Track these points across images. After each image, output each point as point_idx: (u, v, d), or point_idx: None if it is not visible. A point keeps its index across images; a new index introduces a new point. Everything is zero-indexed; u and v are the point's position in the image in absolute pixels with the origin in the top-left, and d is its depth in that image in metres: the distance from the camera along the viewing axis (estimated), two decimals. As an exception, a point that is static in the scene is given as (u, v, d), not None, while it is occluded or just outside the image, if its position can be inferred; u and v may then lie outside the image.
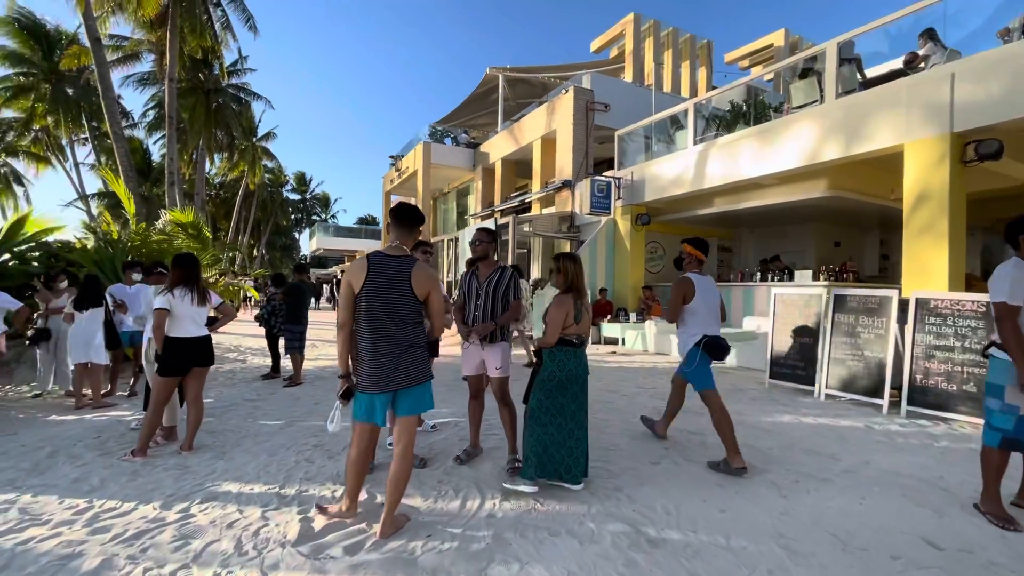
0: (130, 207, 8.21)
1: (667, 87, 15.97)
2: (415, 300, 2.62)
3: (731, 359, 7.90)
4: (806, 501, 3.03)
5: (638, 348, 9.71)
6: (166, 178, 14.43)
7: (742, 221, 12.39)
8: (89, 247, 7.40)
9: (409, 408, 2.67)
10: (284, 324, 6.88)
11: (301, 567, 2.32)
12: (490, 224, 13.73)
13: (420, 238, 3.37)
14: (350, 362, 2.70)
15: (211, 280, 8.99)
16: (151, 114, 24.34)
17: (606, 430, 4.41)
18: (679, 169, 9.93)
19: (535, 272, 14.92)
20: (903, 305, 5.26)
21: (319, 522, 2.75)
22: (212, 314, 4.19)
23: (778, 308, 6.33)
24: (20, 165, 24.65)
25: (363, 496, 3.08)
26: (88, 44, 11.67)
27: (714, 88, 15.09)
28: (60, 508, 2.94)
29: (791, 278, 9.29)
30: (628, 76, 15.66)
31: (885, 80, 7.01)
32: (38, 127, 23.44)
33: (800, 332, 6.04)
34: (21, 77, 20.76)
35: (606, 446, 3.97)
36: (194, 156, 24.27)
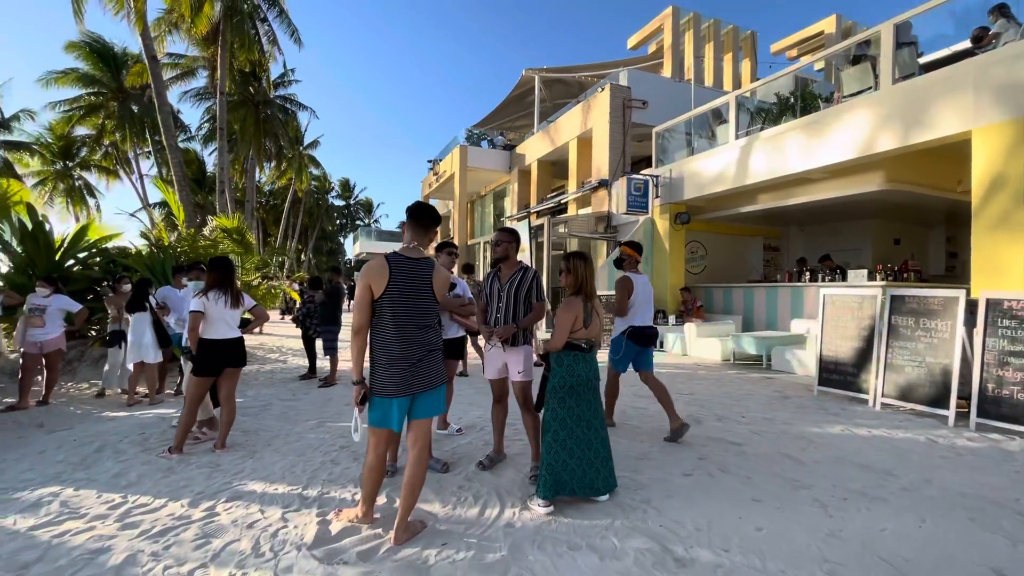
0: (179, 214, 8.65)
1: (708, 81, 15.42)
2: (435, 302, 2.59)
3: (781, 363, 7.47)
4: (856, 522, 2.76)
5: (677, 351, 9.35)
6: (216, 186, 15.17)
7: (790, 218, 11.77)
8: (144, 253, 7.81)
9: (426, 411, 2.61)
10: (321, 326, 7.03)
11: (313, 571, 2.30)
12: (522, 227, 13.65)
13: (444, 239, 3.34)
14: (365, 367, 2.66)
15: (254, 283, 9.35)
16: (206, 127, 25.71)
17: (637, 438, 4.21)
18: (721, 165, 9.52)
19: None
20: (971, 306, 4.79)
21: (336, 526, 2.72)
22: (246, 316, 4.30)
23: (828, 310, 5.92)
24: (92, 178, 26.61)
25: (382, 500, 3.05)
26: (149, 64, 12.42)
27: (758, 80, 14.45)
28: (98, 502, 3.06)
29: (844, 278, 8.71)
30: (667, 71, 15.23)
31: (948, 63, 6.44)
32: (108, 142, 25.19)
33: (853, 336, 5.62)
34: (92, 97, 22.39)
35: (636, 455, 3.79)
36: (245, 165, 25.48)
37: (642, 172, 11.71)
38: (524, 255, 11.31)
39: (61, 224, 25.21)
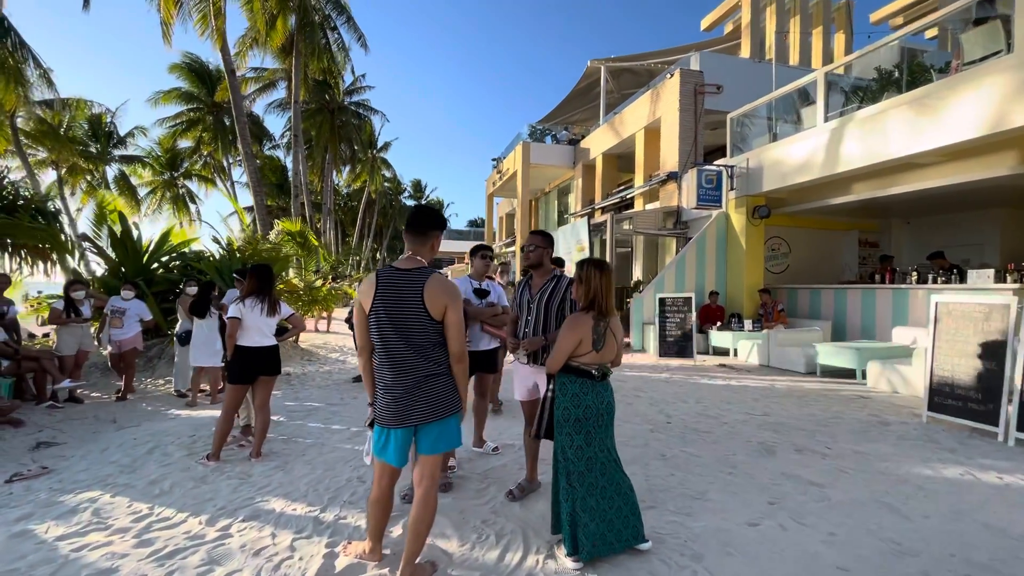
0: (243, 218, 9.08)
1: (793, 60, 13.97)
2: (431, 320, 2.23)
3: (879, 380, 6.44)
4: (983, 613, 2.10)
5: (753, 362, 8.44)
6: (291, 191, 16.00)
7: (892, 210, 10.30)
8: (214, 257, 8.23)
9: (431, 446, 2.30)
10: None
11: (302, 621, 2.06)
12: (580, 225, 13.09)
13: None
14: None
15: (317, 284, 9.63)
16: (288, 135, 27.40)
17: (694, 470, 3.66)
18: (807, 151, 8.45)
19: (637, 273, 13.95)
20: None
21: (342, 561, 2.50)
22: (284, 324, 4.25)
23: (942, 319, 4.93)
24: (193, 185, 29.32)
25: (398, 531, 2.80)
26: (228, 77, 13.28)
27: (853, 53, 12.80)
28: (126, 512, 3.07)
29: (961, 279, 7.39)
30: (745, 52, 13.96)
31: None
32: (205, 153, 27.59)
33: (976, 352, 4.62)
34: (191, 112, 24.59)
35: (692, 493, 3.25)
36: (323, 169, 26.92)
37: (715, 163, 10.77)
38: (583, 254, 10.78)
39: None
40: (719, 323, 9.44)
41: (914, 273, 8.22)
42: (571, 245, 11.58)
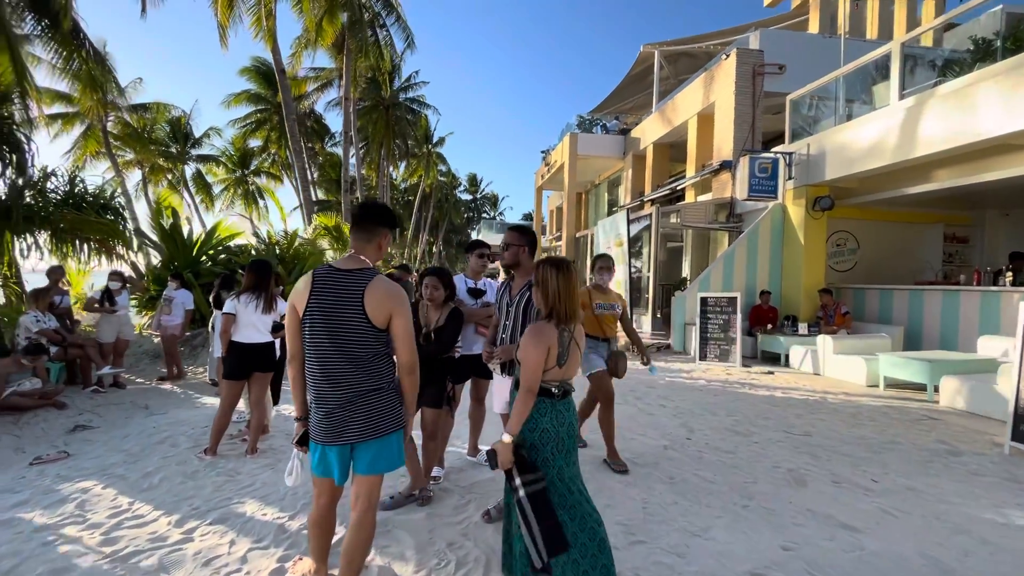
0: (282, 214, 9.35)
1: (871, 34, 12.52)
2: (372, 329, 1.99)
3: (954, 398, 5.56)
4: None
5: (806, 370, 7.61)
6: (342, 186, 16.46)
7: (986, 200, 8.97)
8: (254, 251, 8.52)
9: (368, 466, 2.07)
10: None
11: (218, 649, 1.92)
12: (619, 218, 12.46)
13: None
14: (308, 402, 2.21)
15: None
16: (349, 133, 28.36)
17: (703, 499, 3.21)
18: (877, 134, 7.46)
19: (685, 270, 13.15)
20: None
21: (286, 579, 2.36)
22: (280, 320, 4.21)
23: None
24: (263, 182, 31.03)
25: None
26: (278, 76, 13.79)
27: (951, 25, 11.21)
28: (107, 506, 3.11)
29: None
30: (813, 27, 12.69)
31: None
32: (273, 150, 29.09)
33: (1076, 374, 3.80)
34: (259, 113, 25.98)
35: (693, 528, 2.83)
36: (379, 165, 27.65)
37: (773, 149, 9.84)
38: (621, 250, 10.23)
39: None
40: (770, 326, 8.62)
41: (1009, 273, 7.07)
42: (610, 239, 11.05)
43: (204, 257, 8.92)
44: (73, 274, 9.36)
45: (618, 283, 10.56)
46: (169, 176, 24.02)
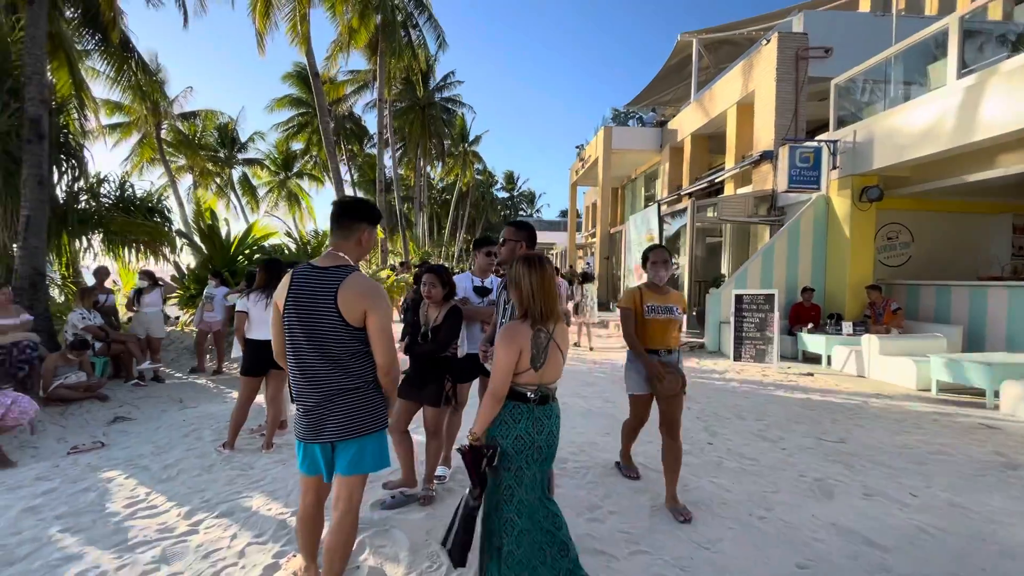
0: (312, 215, 9.57)
1: (931, 8, 11.60)
2: (346, 326, 1.95)
3: (1016, 406, 5.05)
4: None
5: (850, 371, 7.12)
6: (377, 186, 16.78)
7: (1063, 187, 8.10)
8: (286, 251, 8.79)
9: (348, 467, 2.04)
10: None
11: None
12: (650, 212, 12.09)
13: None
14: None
15: (382, 275, 9.95)
16: (385, 134, 28.94)
17: (716, 508, 3.01)
18: (932, 117, 6.88)
19: (724, 266, 12.64)
20: None
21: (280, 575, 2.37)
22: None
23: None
24: (305, 184, 32.18)
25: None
26: (312, 80, 14.15)
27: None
28: (123, 497, 3.23)
29: None
30: (865, 6, 11.88)
31: None
32: (314, 153, 30.08)
33: None
34: (300, 116, 26.88)
35: (700, 539, 2.65)
36: (417, 164, 28.10)
37: (817, 138, 9.28)
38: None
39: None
40: (812, 324, 8.13)
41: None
42: (641, 235, 10.72)
43: (240, 257, 9.27)
44: (124, 273, 9.94)
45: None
46: (217, 180, 25.21)
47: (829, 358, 7.50)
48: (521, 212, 53.04)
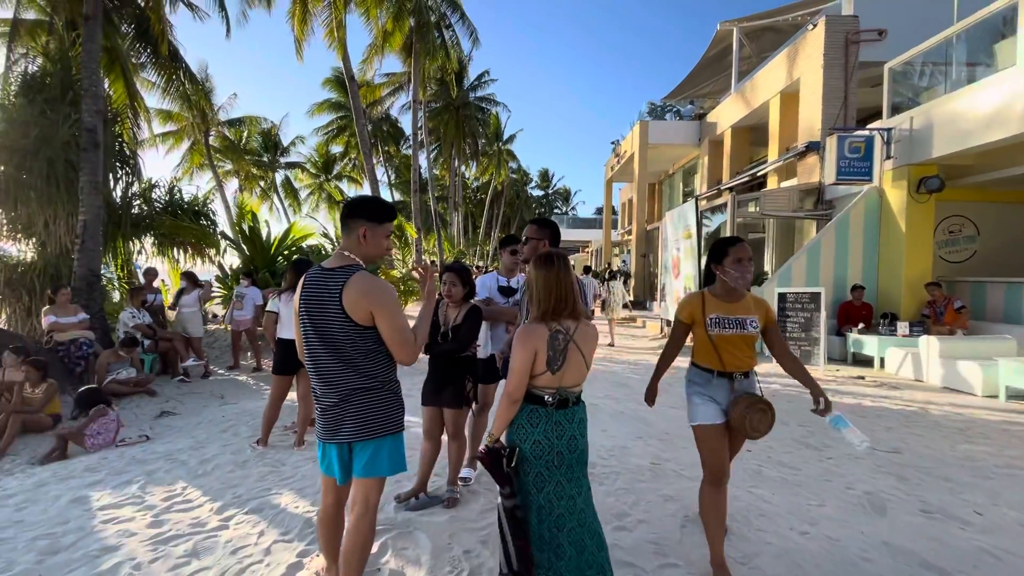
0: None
1: (998, -18, 10.70)
2: (355, 326, 1.92)
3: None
4: None
5: (906, 375, 6.65)
6: (411, 186, 17.02)
7: None
8: (322, 251, 9.00)
9: (364, 469, 2.02)
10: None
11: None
12: (687, 208, 11.66)
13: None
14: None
15: (415, 275, 10.05)
16: (419, 134, 29.35)
17: (753, 522, 2.83)
18: (1001, 100, 6.32)
19: (767, 263, 12.11)
20: None
21: (301, 575, 2.38)
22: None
23: None
24: (344, 186, 33.04)
25: (374, 550, 2.59)
26: (348, 83, 14.45)
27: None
28: (161, 491, 3.35)
29: None
30: (922, -18, 11.07)
31: None
32: (353, 155, 30.84)
33: None
34: (339, 120, 27.59)
35: (734, 554, 2.50)
36: (453, 164, 28.37)
37: (869, 126, 8.74)
38: (691, 242, 9.58)
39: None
40: (863, 325, 7.65)
41: None
42: (678, 231, 10.37)
43: (280, 257, 9.56)
44: (174, 273, 10.43)
45: (688, 278, 9.93)
46: (261, 183, 26.19)
47: (882, 360, 7.03)
48: (556, 210, 52.75)
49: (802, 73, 10.75)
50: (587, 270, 13.53)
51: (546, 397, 1.86)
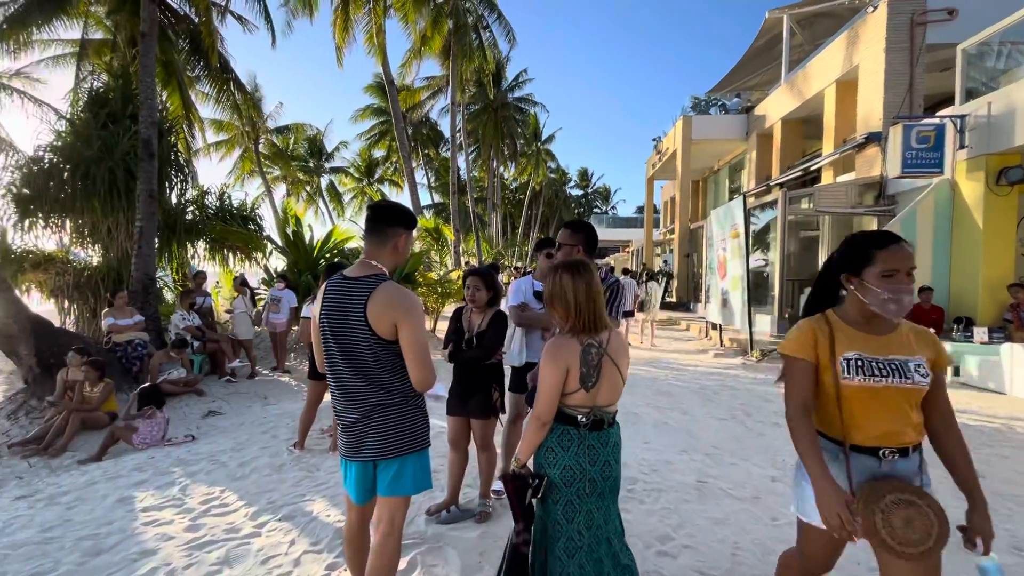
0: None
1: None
2: (380, 341, 1.81)
3: None
4: None
5: (984, 387, 6.03)
6: (450, 188, 17.13)
7: None
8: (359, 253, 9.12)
9: (388, 487, 1.92)
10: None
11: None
12: (734, 206, 11.10)
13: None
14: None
15: (453, 276, 10.04)
16: (458, 136, 29.58)
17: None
18: (1097, 80, 5.65)
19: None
20: None
21: (330, 591, 2.33)
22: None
23: None
24: (386, 189, 33.76)
25: (403, 566, 2.51)
26: (387, 88, 14.70)
27: None
28: (200, 493, 3.40)
29: None
30: (1000, -46, 10.13)
31: None
32: (394, 159, 31.46)
33: None
34: (381, 125, 28.19)
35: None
36: (492, 165, 28.47)
37: (939, 114, 8.05)
38: (738, 242, 9.11)
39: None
40: (933, 330, 7.01)
41: None
42: (725, 230, 9.89)
43: (322, 260, 9.77)
44: (227, 276, 10.86)
45: (735, 280, 9.46)
46: (307, 188, 27.09)
47: (957, 370, 6.42)
48: (596, 209, 52.04)
49: (861, 59, 10.05)
50: (626, 271, 13.28)
51: (579, 417, 1.70)
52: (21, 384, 6.20)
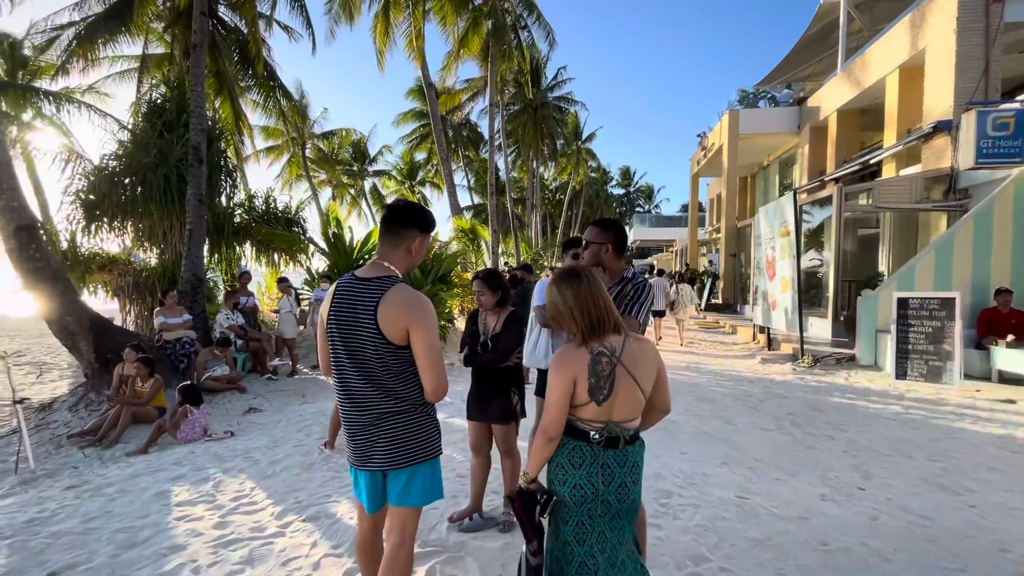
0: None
1: None
2: (389, 346, 1.73)
3: None
4: None
5: (1076, 400, 5.38)
6: (488, 189, 17.15)
7: None
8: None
9: (399, 498, 1.84)
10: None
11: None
12: (784, 202, 10.50)
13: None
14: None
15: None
16: (497, 137, 29.64)
17: (874, 582, 2.30)
18: None
19: (883, 263, 10.62)
20: None
21: (344, 599, 2.28)
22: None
23: None
24: (427, 191, 34.29)
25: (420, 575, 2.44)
26: (426, 90, 14.84)
27: None
28: (231, 490, 3.46)
29: None
30: (1092, -80, 9.13)
31: None
32: (435, 162, 31.89)
33: None
34: (423, 128, 28.64)
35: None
36: (531, 165, 28.37)
37: (1017, 99, 7.31)
38: (789, 240, 8.58)
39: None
40: (1012, 336, 6.36)
41: None
42: (774, 228, 9.35)
43: (361, 261, 9.94)
44: (272, 276, 11.26)
45: (784, 281, 8.93)
46: (351, 191, 27.87)
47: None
48: (638, 208, 50.98)
49: (929, 42, 9.31)
50: (659, 272, 13.13)
51: (592, 434, 1.55)
52: (83, 379, 6.61)
